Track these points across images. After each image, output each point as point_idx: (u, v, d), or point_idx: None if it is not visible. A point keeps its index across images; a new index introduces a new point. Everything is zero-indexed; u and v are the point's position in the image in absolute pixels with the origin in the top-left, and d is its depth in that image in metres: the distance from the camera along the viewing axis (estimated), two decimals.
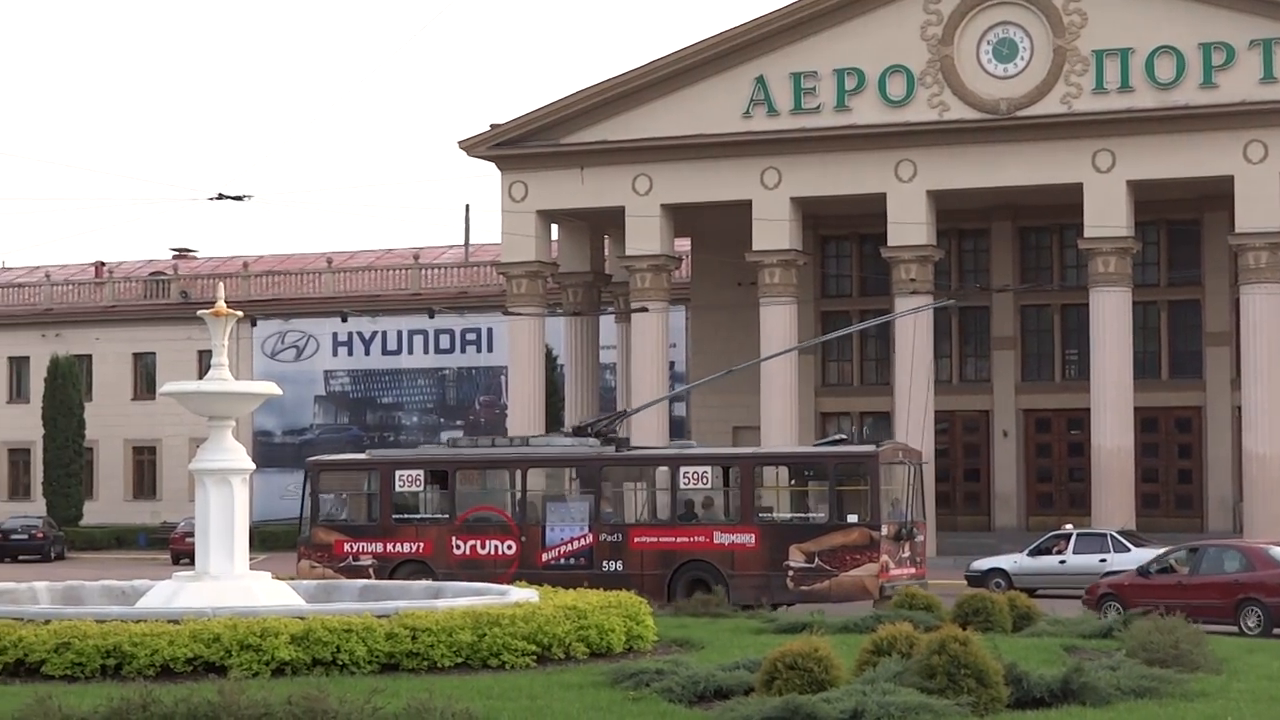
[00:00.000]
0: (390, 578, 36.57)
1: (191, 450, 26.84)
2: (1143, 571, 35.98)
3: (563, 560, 38.36)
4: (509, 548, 38.88)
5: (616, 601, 23.76)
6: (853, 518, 36.96)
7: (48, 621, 20.95)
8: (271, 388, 26.31)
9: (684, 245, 66.28)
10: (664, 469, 39.62)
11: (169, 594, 24.26)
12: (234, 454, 25.13)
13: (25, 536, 68.82)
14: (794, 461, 41.38)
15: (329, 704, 15.53)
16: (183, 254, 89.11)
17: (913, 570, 38.03)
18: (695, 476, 38.85)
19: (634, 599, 24.36)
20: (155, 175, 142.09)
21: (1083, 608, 35.44)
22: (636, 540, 38.34)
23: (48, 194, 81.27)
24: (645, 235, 59.13)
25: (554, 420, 64.23)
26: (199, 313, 26.15)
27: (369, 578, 36.14)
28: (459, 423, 75.06)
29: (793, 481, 39.83)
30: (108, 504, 78.78)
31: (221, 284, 29.72)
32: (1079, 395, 59.02)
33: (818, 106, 58.11)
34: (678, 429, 65.33)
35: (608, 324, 66.61)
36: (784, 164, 58.07)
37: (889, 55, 57.49)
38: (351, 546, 39.62)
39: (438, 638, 20.98)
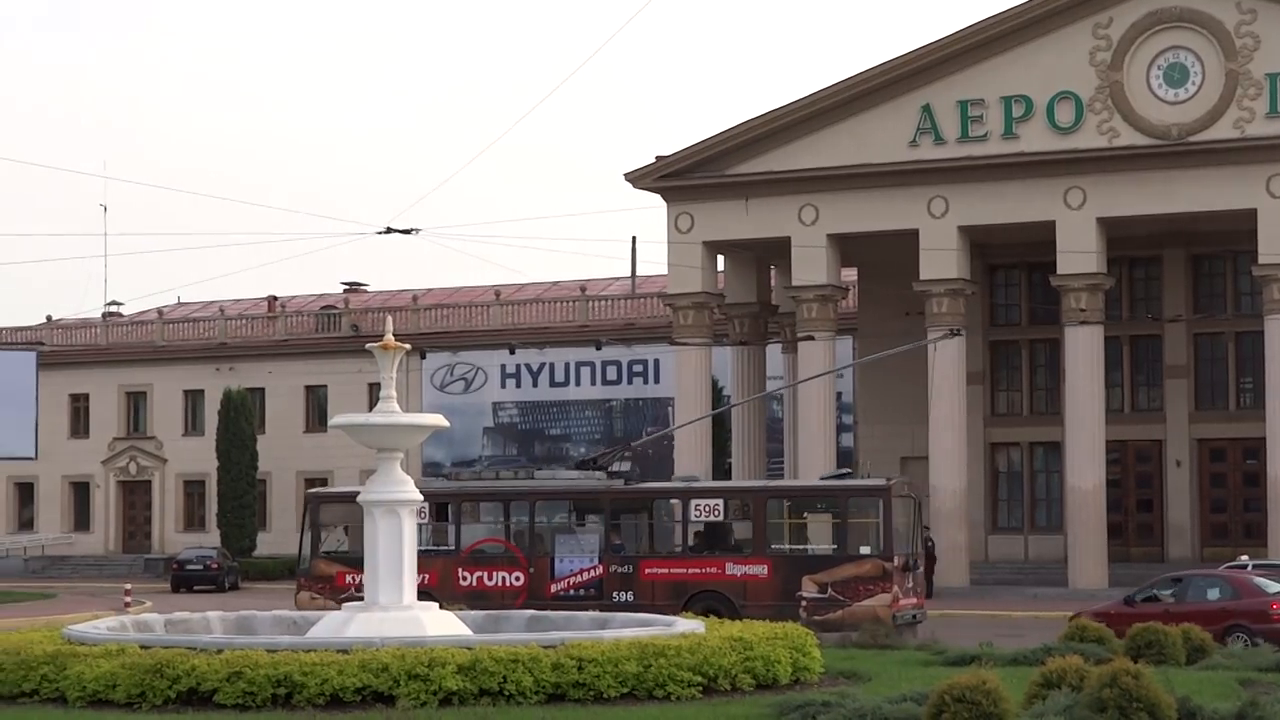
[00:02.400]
0: None
1: (362, 482, 27.05)
2: (1129, 600, 36.92)
3: (572, 591, 39.15)
4: (517, 579, 39.51)
5: (783, 633, 23.71)
6: (865, 549, 37.95)
7: (220, 651, 21.23)
8: (439, 420, 26.47)
9: (850, 275, 65.98)
10: (675, 501, 40.32)
11: (339, 624, 24.49)
12: (402, 486, 25.30)
13: (200, 567, 69.79)
14: (806, 495, 42.17)
15: None
16: (353, 288, 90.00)
17: (915, 600, 39.05)
18: (707, 509, 39.69)
19: (801, 630, 24.28)
20: (326, 211, 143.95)
21: None
22: (647, 571, 39.19)
23: (221, 230, 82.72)
24: (811, 266, 58.93)
25: (720, 451, 64.10)
26: (367, 346, 26.38)
27: None
28: (626, 454, 75.11)
29: (805, 514, 40.47)
30: (280, 535, 79.63)
31: (390, 317, 29.97)
32: (1254, 424, 58.04)
33: (985, 134, 57.67)
34: (845, 460, 65.00)
35: (774, 354, 66.44)
36: (951, 193, 57.68)
37: (1057, 82, 56.97)
38: (354, 578, 39.68)
39: (604, 668, 21.00)
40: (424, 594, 38.14)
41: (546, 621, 26.85)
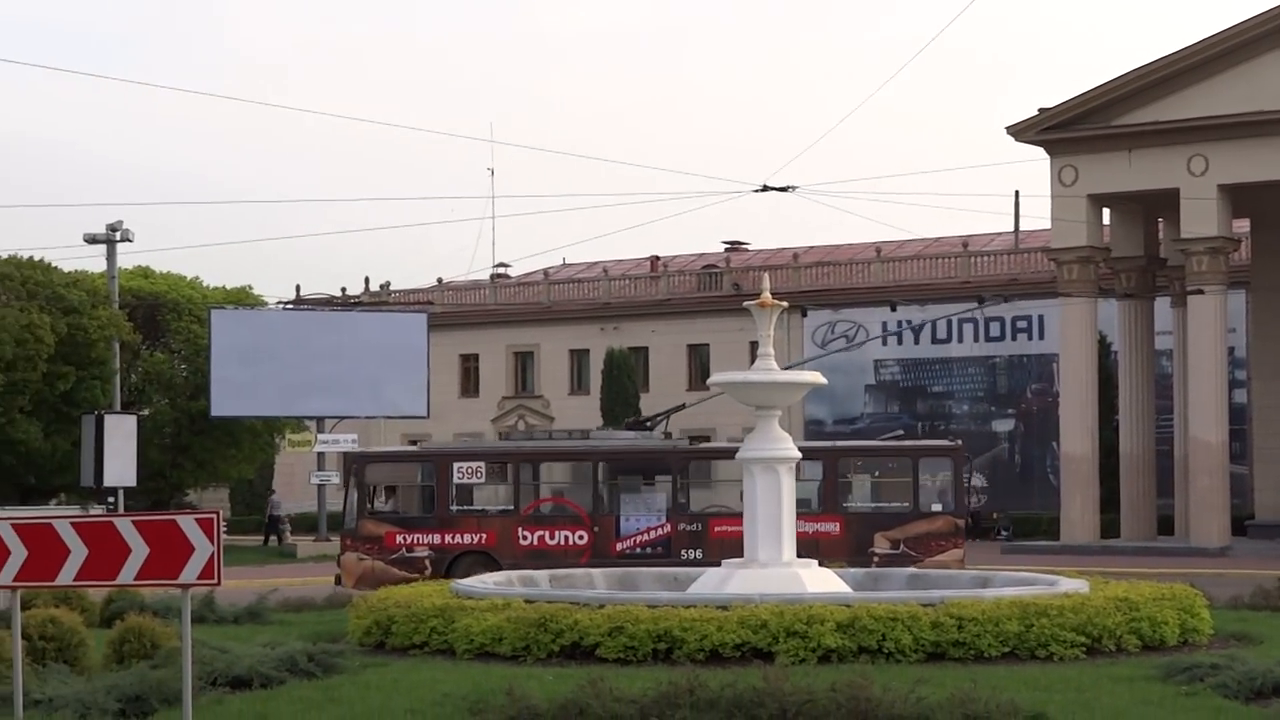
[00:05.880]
0: (450, 568, 38.37)
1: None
2: None
3: (638, 549, 39.60)
4: (580, 538, 39.91)
5: (1170, 594, 23.23)
6: (937, 506, 39.20)
7: (602, 606, 21.59)
8: (816, 377, 26.41)
9: (1242, 226, 64.01)
10: None
11: (718, 581, 24.68)
12: (780, 443, 25.33)
13: None
14: (877, 454, 43.00)
15: (872, 692, 15.49)
16: (734, 247, 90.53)
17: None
18: None
19: (1189, 591, 23.76)
20: (705, 170, 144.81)
21: None
22: (717, 529, 39.46)
23: (605, 191, 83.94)
24: (1201, 217, 57.28)
25: (1107, 408, 62.72)
26: (745, 304, 26.47)
27: (425, 569, 38.17)
28: (1010, 411, 74.23)
29: (876, 473, 41.22)
30: None
31: (766, 275, 30.02)
32: None
33: None
34: (1237, 416, 63.21)
35: (1163, 308, 64.79)
36: None
37: None
38: (405, 538, 40.35)
39: (984, 627, 20.82)
40: (481, 554, 39.38)
41: (926, 580, 26.71)
